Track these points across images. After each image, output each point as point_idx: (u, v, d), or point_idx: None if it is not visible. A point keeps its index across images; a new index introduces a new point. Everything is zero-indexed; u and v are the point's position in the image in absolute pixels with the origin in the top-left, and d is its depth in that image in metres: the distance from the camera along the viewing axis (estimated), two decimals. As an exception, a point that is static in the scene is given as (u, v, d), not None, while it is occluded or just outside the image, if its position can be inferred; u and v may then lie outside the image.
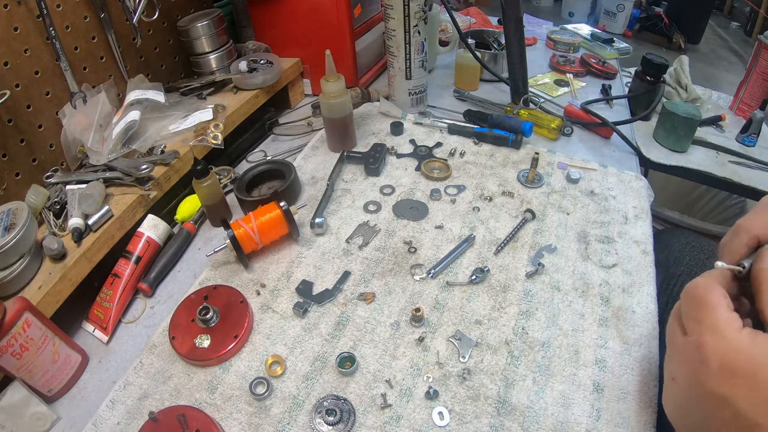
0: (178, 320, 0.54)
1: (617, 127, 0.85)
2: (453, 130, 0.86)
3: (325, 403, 0.46)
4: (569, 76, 1.11)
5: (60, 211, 0.61)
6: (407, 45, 0.84)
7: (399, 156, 0.81)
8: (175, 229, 0.68)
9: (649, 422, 0.45)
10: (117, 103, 0.75)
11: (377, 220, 0.68)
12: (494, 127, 0.83)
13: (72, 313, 0.57)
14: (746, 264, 0.37)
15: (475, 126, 0.85)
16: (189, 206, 0.70)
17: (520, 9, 0.82)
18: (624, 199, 0.71)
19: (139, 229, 0.62)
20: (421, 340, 0.52)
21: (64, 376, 0.50)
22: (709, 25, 3.26)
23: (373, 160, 0.76)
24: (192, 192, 0.69)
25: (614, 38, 1.28)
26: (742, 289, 0.38)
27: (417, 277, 0.59)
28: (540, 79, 1.10)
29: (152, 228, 0.63)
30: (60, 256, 0.55)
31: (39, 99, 0.66)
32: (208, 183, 0.64)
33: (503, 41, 0.91)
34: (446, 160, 0.78)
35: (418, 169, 0.77)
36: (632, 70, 1.05)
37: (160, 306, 0.60)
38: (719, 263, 0.36)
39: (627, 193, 0.72)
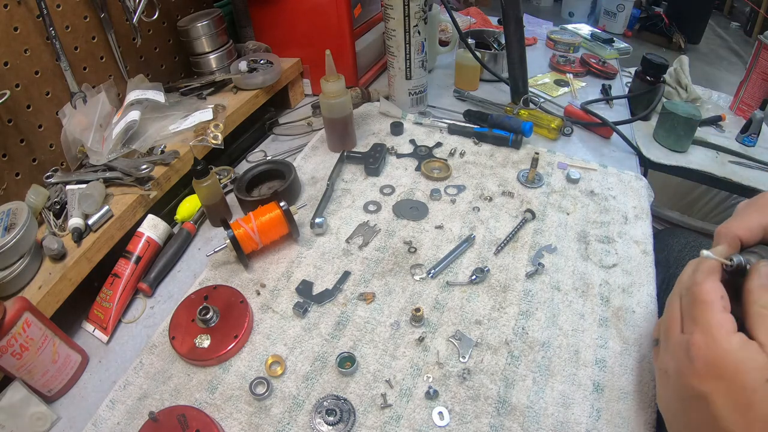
0: (178, 320, 0.54)
1: (617, 127, 0.85)
2: (453, 130, 0.86)
3: (325, 403, 0.46)
4: (569, 76, 1.11)
5: (60, 211, 0.61)
6: (407, 45, 0.84)
7: (399, 156, 0.81)
8: (175, 229, 0.68)
9: (648, 422, 0.45)
10: (117, 103, 0.75)
11: (377, 220, 0.68)
12: (494, 127, 0.83)
13: (72, 313, 0.57)
14: (735, 259, 0.37)
15: (475, 126, 0.85)
16: (189, 206, 0.70)
17: (520, 9, 0.82)
18: (624, 199, 0.71)
19: (139, 229, 0.62)
20: (421, 340, 0.52)
21: (64, 376, 0.50)
22: (709, 25, 3.26)
23: (373, 160, 0.76)
24: (192, 192, 0.69)
25: (614, 38, 1.28)
26: (731, 282, 0.39)
27: (417, 277, 0.59)
28: (540, 79, 1.10)
29: (152, 228, 0.63)
30: (60, 256, 0.55)
31: (39, 99, 0.66)
32: (208, 183, 0.64)
33: (503, 41, 0.91)
34: (446, 160, 0.78)
35: (418, 169, 0.77)
36: (632, 70, 1.05)
37: (160, 306, 0.60)
38: (705, 252, 0.36)
39: (627, 193, 0.72)
